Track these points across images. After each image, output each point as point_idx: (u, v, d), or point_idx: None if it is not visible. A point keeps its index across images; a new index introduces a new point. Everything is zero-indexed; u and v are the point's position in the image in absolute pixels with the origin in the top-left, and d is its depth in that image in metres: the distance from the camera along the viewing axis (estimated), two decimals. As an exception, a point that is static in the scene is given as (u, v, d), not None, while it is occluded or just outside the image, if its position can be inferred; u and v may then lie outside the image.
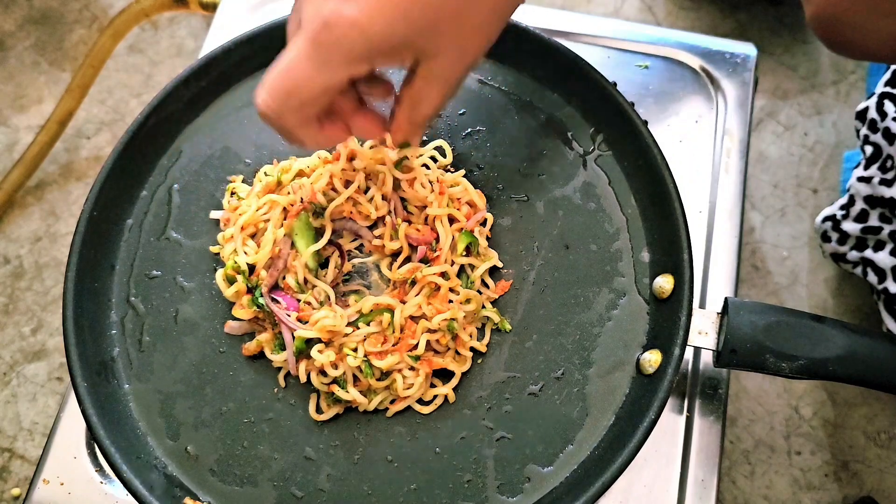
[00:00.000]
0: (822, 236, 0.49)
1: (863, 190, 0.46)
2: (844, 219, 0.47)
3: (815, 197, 0.57)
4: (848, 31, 0.31)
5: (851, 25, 0.30)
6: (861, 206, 0.46)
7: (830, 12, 0.30)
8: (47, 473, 0.45)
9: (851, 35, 0.31)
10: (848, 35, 0.31)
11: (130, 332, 0.44)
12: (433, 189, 0.45)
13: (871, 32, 0.30)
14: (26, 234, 0.56)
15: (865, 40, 0.30)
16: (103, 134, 0.60)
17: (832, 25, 0.31)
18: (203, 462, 0.41)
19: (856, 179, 0.46)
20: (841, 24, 0.30)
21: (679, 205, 0.43)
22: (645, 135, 0.45)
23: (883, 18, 0.29)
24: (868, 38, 0.30)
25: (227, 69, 0.48)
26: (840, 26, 0.31)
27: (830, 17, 0.30)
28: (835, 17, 0.30)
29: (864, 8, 0.29)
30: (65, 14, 0.64)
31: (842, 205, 0.48)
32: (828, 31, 0.31)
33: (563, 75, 0.48)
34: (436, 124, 0.49)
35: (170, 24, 0.64)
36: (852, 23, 0.30)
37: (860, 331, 0.42)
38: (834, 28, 0.31)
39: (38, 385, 0.52)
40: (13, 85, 0.61)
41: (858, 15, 0.29)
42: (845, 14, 0.30)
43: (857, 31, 0.30)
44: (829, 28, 0.31)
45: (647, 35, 0.57)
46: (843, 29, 0.31)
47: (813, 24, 0.32)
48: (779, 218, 0.56)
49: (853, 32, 0.30)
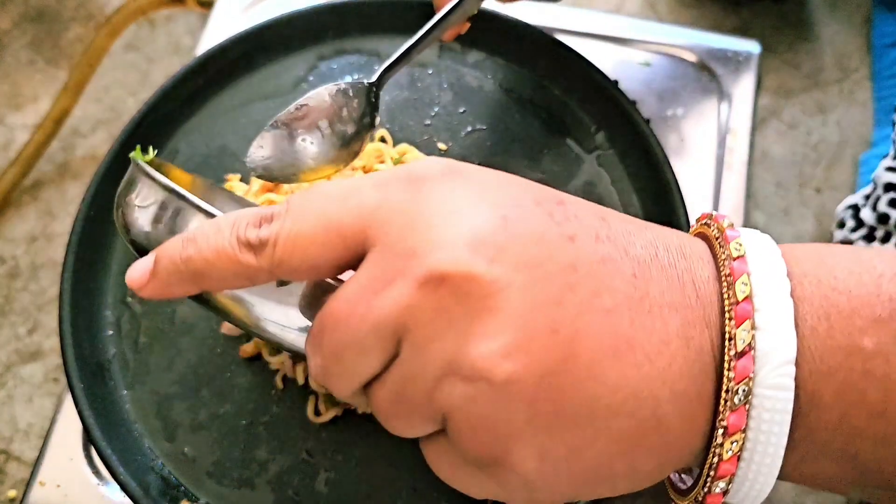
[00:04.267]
0: (839, 223, 0.49)
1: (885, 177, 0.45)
2: (864, 207, 0.47)
3: (818, 197, 0.56)
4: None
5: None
6: (878, 193, 0.46)
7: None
8: (43, 475, 0.45)
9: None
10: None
11: (127, 333, 0.44)
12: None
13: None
14: (22, 233, 0.56)
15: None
16: (100, 132, 0.60)
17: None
18: (200, 464, 0.41)
19: (883, 169, 0.46)
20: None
21: (682, 204, 0.43)
22: (647, 133, 0.45)
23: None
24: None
25: (224, 67, 0.48)
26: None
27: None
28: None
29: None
30: (61, 12, 0.63)
31: (865, 194, 0.48)
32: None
33: (564, 73, 0.48)
34: (436, 122, 0.48)
35: (167, 22, 0.64)
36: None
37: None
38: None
39: (34, 386, 0.52)
40: (9, 83, 0.61)
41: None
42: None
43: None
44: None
45: (649, 32, 0.56)
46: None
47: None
48: (782, 217, 0.56)
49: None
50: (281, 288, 0.26)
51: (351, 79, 0.50)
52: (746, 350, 0.22)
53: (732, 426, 0.22)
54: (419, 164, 0.25)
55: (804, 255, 0.25)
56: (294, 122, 0.40)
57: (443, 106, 0.49)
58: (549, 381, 0.22)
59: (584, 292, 0.22)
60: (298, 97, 0.41)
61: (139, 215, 0.28)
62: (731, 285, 0.23)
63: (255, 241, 0.24)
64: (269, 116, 0.41)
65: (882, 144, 0.55)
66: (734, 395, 0.22)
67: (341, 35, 0.51)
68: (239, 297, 0.27)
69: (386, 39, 0.51)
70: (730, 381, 0.22)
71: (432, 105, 0.50)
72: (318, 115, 0.40)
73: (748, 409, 0.22)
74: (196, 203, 0.27)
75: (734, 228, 0.25)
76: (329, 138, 0.41)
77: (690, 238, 0.26)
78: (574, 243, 0.23)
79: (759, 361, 0.22)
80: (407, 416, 0.24)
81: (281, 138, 0.40)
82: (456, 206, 0.23)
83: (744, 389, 0.22)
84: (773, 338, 0.22)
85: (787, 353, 0.22)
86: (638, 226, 0.25)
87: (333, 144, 0.41)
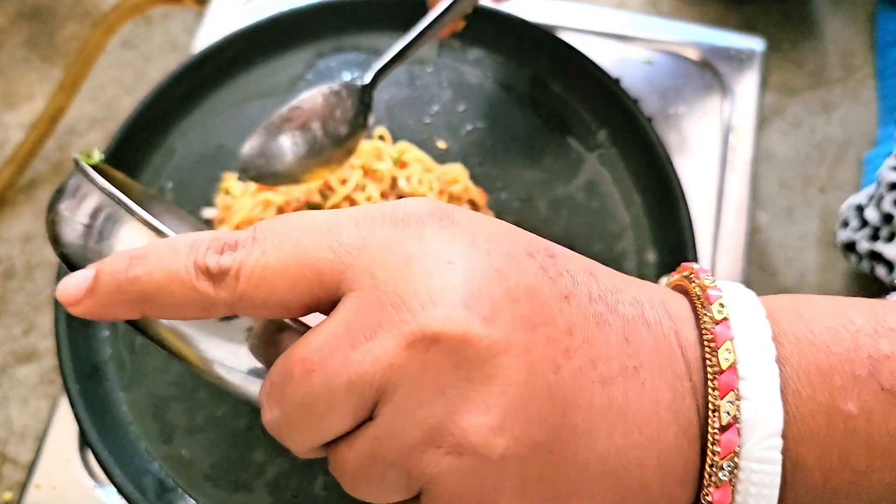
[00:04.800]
0: (843, 222, 0.48)
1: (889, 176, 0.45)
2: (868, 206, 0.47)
3: (822, 196, 0.56)
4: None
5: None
6: (882, 192, 0.45)
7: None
8: (39, 478, 0.45)
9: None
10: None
11: (123, 335, 0.43)
12: (432, 187, 0.44)
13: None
14: (17, 233, 0.55)
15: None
16: (95, 131, 0.59)
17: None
18: (197, 467, 0.41)
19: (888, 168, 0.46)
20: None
21: (684, 203, 0.42)
22: (649, 132, 0.44)
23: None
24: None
25: (221, 65, 0.47)
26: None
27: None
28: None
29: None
30: (57, 9, 0.63)
31: (869, 194, 0.47)
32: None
33: (565, 71, 0.47)
34: (435, 121, 0.48)
35: (163, 19, 0.63)
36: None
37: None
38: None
39: (29, 388, 0.51)
40: (4, 81, 0.60)
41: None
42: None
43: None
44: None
45: (652, 29, 0.56)
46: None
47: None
48: (786, 217, 0.55)
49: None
50: (226, 322, 0.23)
51: (350, 76, 0.50)
52: (731, 423, 0.21)
53: (717, 502, 0.22)
54: (405, 204, 0.22)
55: (780, 310, 0.24)
56: (286, 123, 0.40)
57: (442, 104, 0.49)
58: (542, 454, 0.21)
59: (580, 360, 0.21)
60: (296, 95, 0.40)
61: (76, 225, 0.24)
62: (714, 352, 0.22)
63: (216, 268, 0.21)
64: (267, 115, 0.40)
65: (886, 143, 0.55)
66: (719, 469, 0.22)
67: (339, 32, 0.50)
68: (179, 329, 0.24)
69: (385, 36, 0.50)
70: (714, 454, 0.22)
71: (432, 103, 0.49)
72: (311, 116, 0.40)
73: (734, 483, 0.22)
74: (147, 219, 0.24)
75: (716, 287, 0.24)
76: (322, 140, 0.40)
77: (673, 295, 0.25)
78: (569, 303, 0.22)
79: (745, 433, 0.21)
80: (377, 482, 0.22)
81: (273, 141, 0.40)
82: (446, 254, 0.21)
83: (729, 465, 0.21)
84: (759, 408, 0.22)
85: (773, 425, 0.22)
86: (623, 281, 0.24)
87: (326, 146, 0.40)
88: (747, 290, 0.24)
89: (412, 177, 0.44)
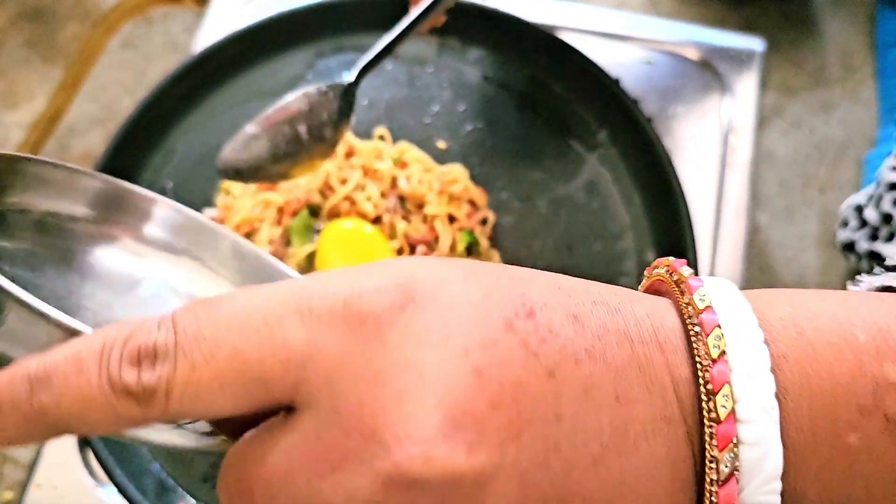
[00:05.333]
0: (842, 222, 0.48)
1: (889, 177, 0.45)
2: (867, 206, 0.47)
3: (822, 196, 0.56)
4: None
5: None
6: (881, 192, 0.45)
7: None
8: (40, 477, 0.45)
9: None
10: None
11: (123, 334, 0.43)
12: (432, 187, 0.44)
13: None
14: (18, 233, 0.55)
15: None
16: (96, 131, 0.59)
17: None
18: (197, 467, 0.40)
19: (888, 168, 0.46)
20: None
21: (684, 203, 0.42)
22: (649, 132, 0.44)
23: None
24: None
25: (222, 65, 0.47)
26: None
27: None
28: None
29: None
30: (57, 10, 0.63)
31: (869, 194, 0.47)
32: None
33: (565, 71, 0.47)
34: (435, 121, 0.48)
35: (164, 20, 0.63)
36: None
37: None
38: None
39: (29, 388, 0.51)
40: (5, 81, 0.60)
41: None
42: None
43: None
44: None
45: (652, 29, 0.56)
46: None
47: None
48: (785, 217, 0.55)
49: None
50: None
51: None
52: (730, 476, 0.20)
53: None
54: (360, 295, 0.19)
55: (779, 327, 0.22)
56: (270, 125, 0.40)
57: (442, 104, 0.49)
58: None
59: (571, 450, 0.19)
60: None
61: None
62: (712, 396, 0.20)
63: (138, 388, 0.18)
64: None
65: (886, 143, 0.55)
66: None
67: (339, 32, 0.50)
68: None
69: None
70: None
71: (432, 103, 0.49)
72: (295, 117, 0.40)
73: None
74: (28, 301, 0.18)
75: (712, 310, 0.22)
76: (304, 137, 0.40)
77: (661, 311, 0.23)
78: (555, 379, 0.20)
79: (744, 479, 0.20)
80: None
81: (256, 140, 0.39)
82: (416, 364, 0.18)
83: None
84: (759, 455, 0.20)
85: (774, 470, 0.20)
86: (608, 309, 0.22)
87: (309, 144, 0.40)
88: (741, 305, 0.22)
89: (412, 177, 0.44)
